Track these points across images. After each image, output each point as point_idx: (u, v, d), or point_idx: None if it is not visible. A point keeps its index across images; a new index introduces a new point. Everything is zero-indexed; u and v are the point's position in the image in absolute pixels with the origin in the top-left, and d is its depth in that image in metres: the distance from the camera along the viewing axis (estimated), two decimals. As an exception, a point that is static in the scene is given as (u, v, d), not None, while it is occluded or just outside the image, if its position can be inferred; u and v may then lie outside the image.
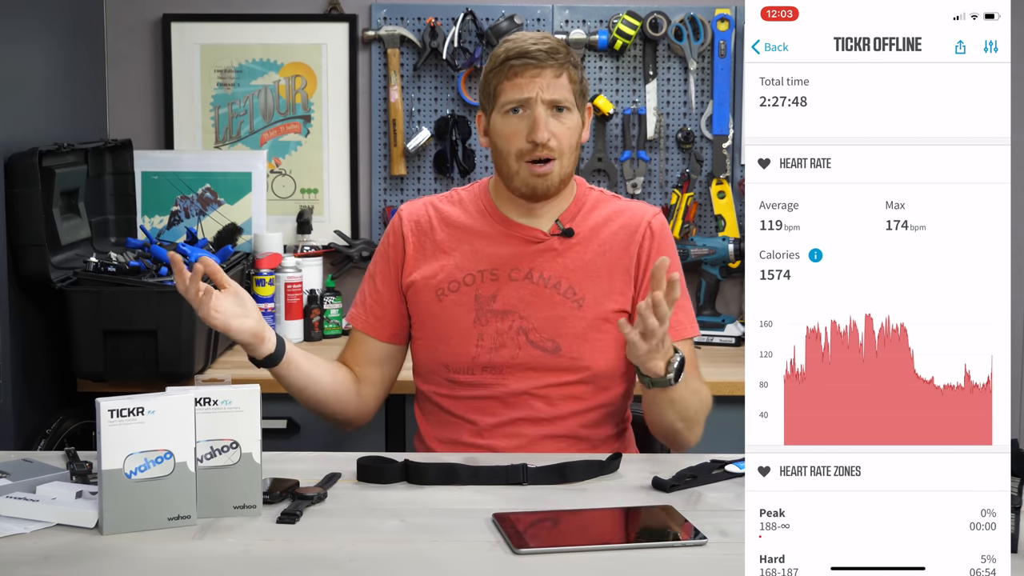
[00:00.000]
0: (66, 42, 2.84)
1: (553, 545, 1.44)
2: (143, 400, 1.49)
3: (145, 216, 3.06)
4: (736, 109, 3.09)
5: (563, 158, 1.95)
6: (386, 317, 2.05)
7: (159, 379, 2.45)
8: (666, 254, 2.00)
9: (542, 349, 1.96)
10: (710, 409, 1.99)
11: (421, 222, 2.06)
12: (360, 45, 3.15)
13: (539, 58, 1.92)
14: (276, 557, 1.42)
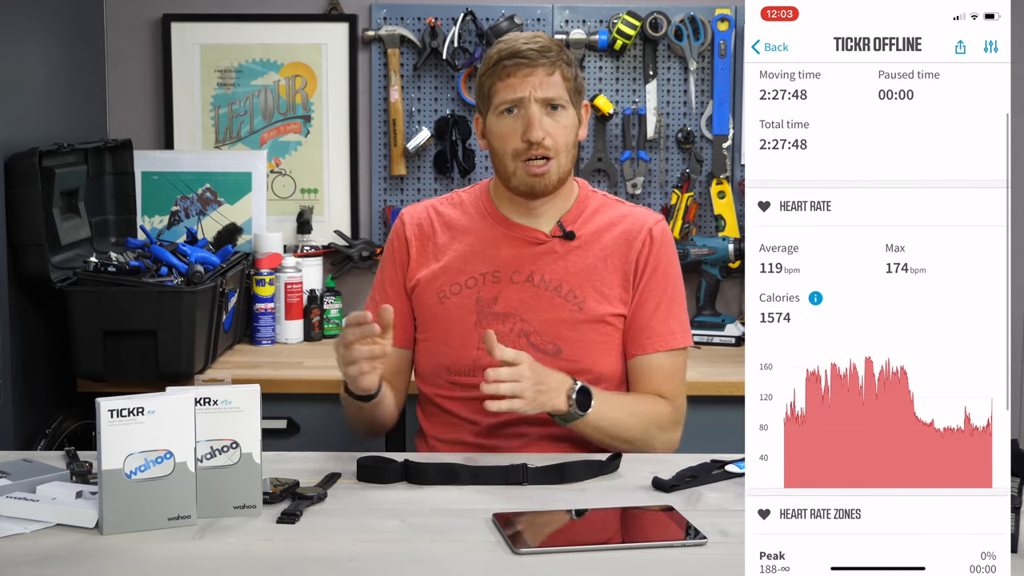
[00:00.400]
0: (66, 42, 2.84)
1: (553, 545, 1.44)
2: (143, 400, 1.48)
3: (145, 216, 3.06)
4: (736, 109, 3.09)
5: (560, 156, 1.95)
6: (401, 324, 2.05)
7: (159, 379, 2.45)
8: (666, 260, 2.01)
9: (543, 351, 1.96)
10: (672, 420, 1.98)
11: (423, 225, 2.06)
12: (360, 45, 3.15)
13: (531, 57, 1.92)
14: (276, 557, 1.42)
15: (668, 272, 2.01)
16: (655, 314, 1.99)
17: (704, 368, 2.68)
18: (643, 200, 3.14)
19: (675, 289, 2.02)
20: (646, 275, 2.00)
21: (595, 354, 1.98)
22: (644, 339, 1.99)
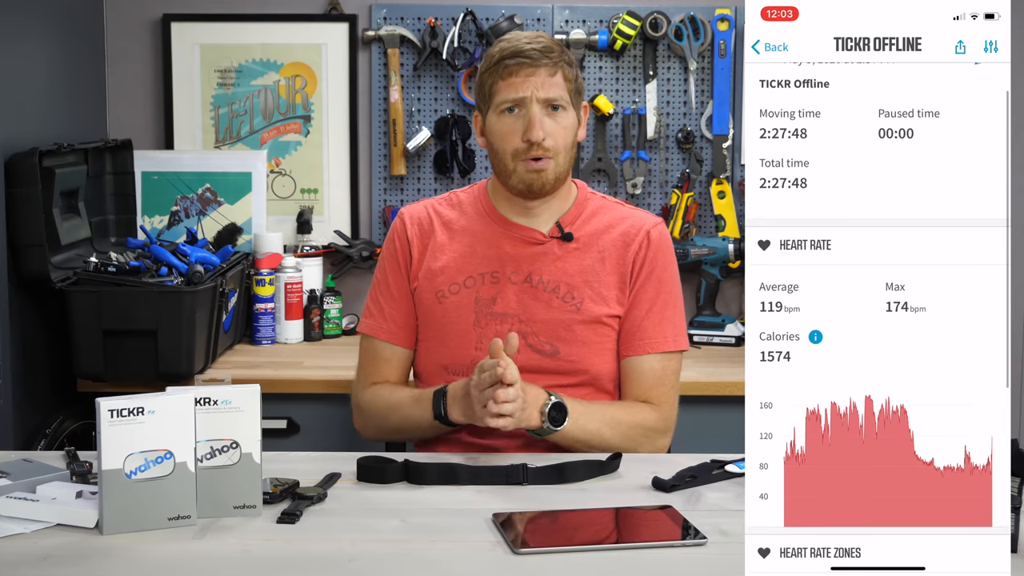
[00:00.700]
0: (66, 42, 2.84)
1: (553, 545, 1.44)
2: (143, 400, 1.48)
3: (145, 216, 3.06)
4: (736, 109, 3.09)
5: (559, 156, 1.95)
6: (407, 323, 2.05)
7: (159, 379, 2.45)
8: (662, 263, 2.01)
9: (541, 352, 1.96)
10: (657, 426, 1.97)
11: (423, 224, 2.06)
12: (360, 45, 3.15)
13: (533, 57, 1.92)
14: (276, 557, 1.42)
15: (664, 275, 2.01)
16: (648, 316, 1.99)
17: (704, 368, 2.68)
18: (643, 200, 3.14)
19: (670, 293, 2.02)
20: (641, 277, 2.00)
21: (592, 355, 1.98)
22: (636, 340, 1.99)
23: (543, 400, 1.84)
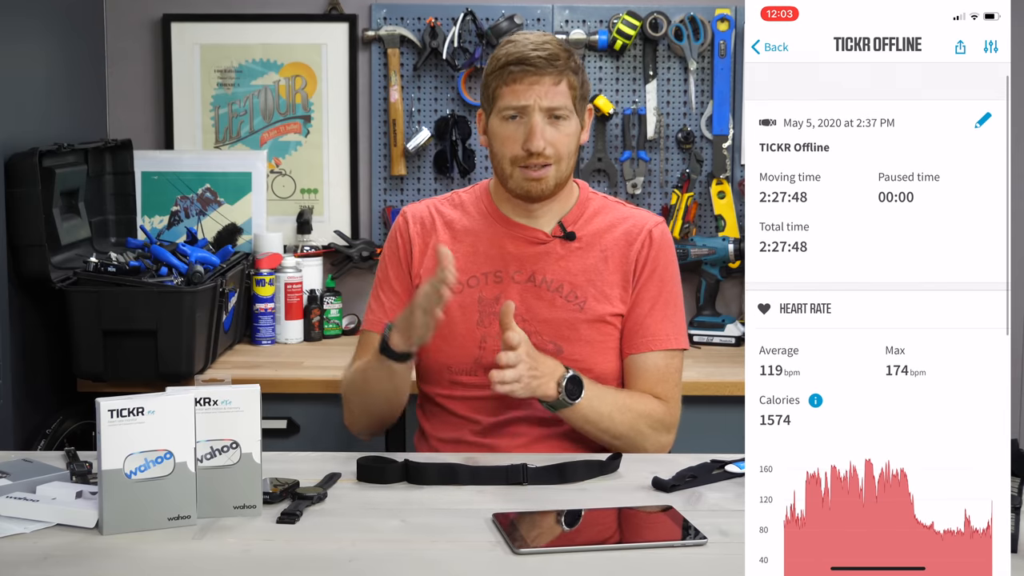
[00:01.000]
0: (66, 42, 2.84)
1: (553, 545, 1.44)
2: (143, 400, 1.48)
3: (145, 216, 3.06)
4: (736, 109, 3.09)
5: (560, 163, 1.95)
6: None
7: (159, 379, 2.45)
8: (664, 262, 2.02)
9: (544, 351, 1.96)
10: (664, 419, 1.97)
11: (425, 223, 2.06)
12: (360, 45, 3.15)
13: (538, 65, 1.91)
14: (276, 557, 1.42)
15: (666, 274, 2.02)
16: (651, 314, 1.99)
17: (704, 368, 2.68)
18: (643, 200, 3.14)
19: (671, 292, 2.02)
20: (644, 275, 2.00)
21: (596, 354, 1.98)
22: (639, 338, 1.99)
23: (560, 372, 1.85)
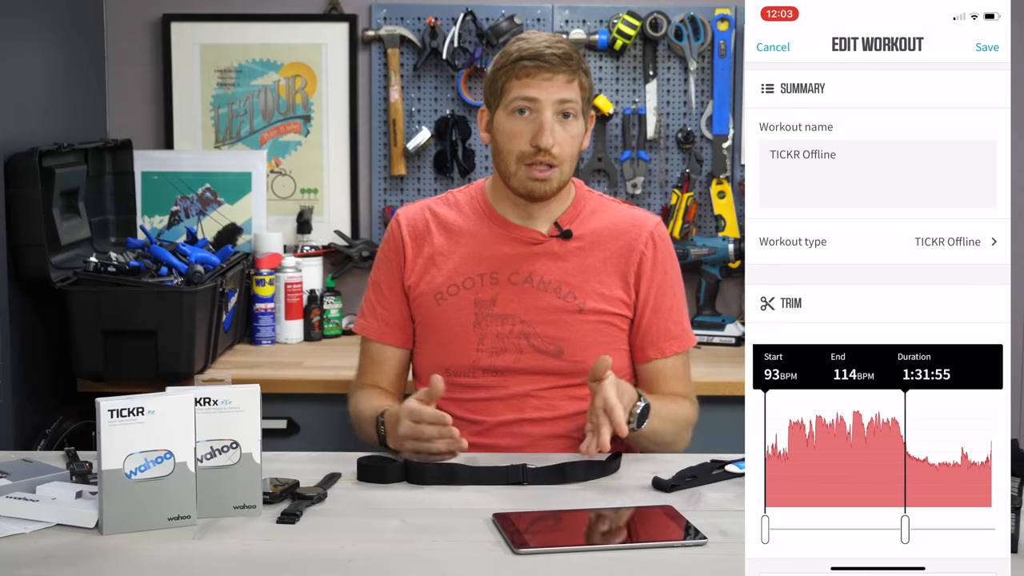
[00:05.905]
0: (66, 42, 2.84)
1: (553, 545, 1.44)
2: (143, 400, 1.48)
3: (145, 216, 3.06)
4: (736, 109, 3.09)
5: (564, 165, 1.95)
6: (398, 323, 2.05)
7: (159, 379, 2.45)
8: (671, 263, 2.04)
9: (544, 353, 1.96)
10: (695, 419, 2.04)
11: (418, 226, 2.06)
12: (360, 45, 3.15)
13: (552, 63, 1.90)
14: (276, 557, 1.42)
15: (674, 275, 2.05)
16: (670, 316, 2.01)
17: (704, 368, 2.68)
18: (643, 200, 3.14)
19: (680, 291, 2.06)
20: (656, 278, 2.00)
21: (596, 354, 1.97)
22: (663, 342, 2.00)
23: (634, 401, 1.84)
